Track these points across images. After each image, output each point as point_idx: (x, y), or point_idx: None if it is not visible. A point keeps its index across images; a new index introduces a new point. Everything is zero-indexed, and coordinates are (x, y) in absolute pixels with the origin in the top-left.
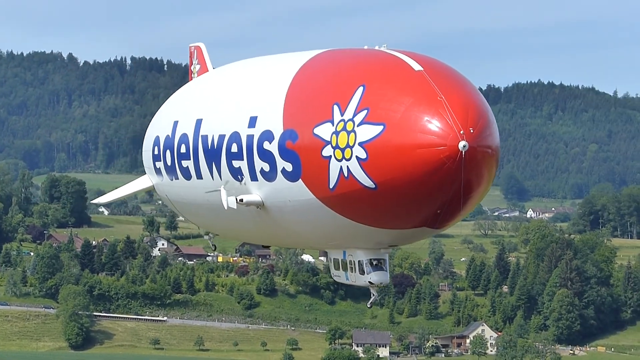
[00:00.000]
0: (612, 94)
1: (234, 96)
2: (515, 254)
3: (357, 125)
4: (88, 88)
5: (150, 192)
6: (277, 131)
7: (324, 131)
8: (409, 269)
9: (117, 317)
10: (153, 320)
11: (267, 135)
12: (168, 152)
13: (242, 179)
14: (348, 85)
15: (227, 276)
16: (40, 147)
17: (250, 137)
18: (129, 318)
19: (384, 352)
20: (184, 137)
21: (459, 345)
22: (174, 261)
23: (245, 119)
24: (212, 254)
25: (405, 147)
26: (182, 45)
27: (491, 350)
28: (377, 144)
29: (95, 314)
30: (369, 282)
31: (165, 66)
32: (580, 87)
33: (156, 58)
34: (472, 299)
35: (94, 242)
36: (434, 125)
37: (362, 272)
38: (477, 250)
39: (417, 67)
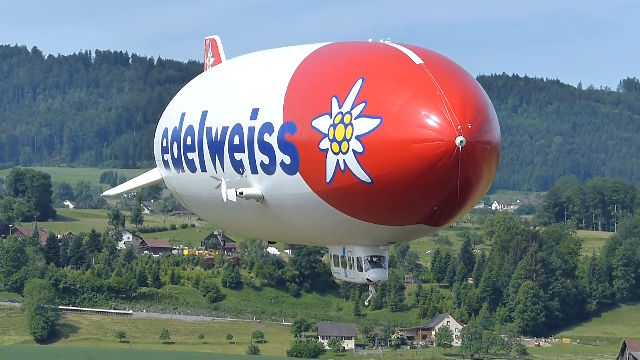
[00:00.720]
0: (576, 87)
1: (238, 88)
2: (481, 246)
3: (355, 118)
4: (53, 81)
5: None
6: (277, 123)
7: (322, 124)
8: None
9: (83, 310)
10: (118, 313)
11: (268, 128)
12: (175, 144)
13: (243, 171)
14: (347, 77)
15: (193, 269)
16: (4, 141)
17: (251, 129)
18: (94, 311)
19: (349, 344)
20: (190, 129)
21: (424, 337)
22: (140, 254)
23: (247, 110)
24: (177, 247)
25: (401, 142)
26: (147, 38)
27: (456, 342)
28: (374, 138)
29: (60, 307)
30: (367, 279)
31: (130, 59)
32: (544, 80)
33: (121, 51)
34: (438, 291)
35: (59, 236)
36: (431, 119)
37: (360, 269)
38: (442, 242)
39: (417, 60)
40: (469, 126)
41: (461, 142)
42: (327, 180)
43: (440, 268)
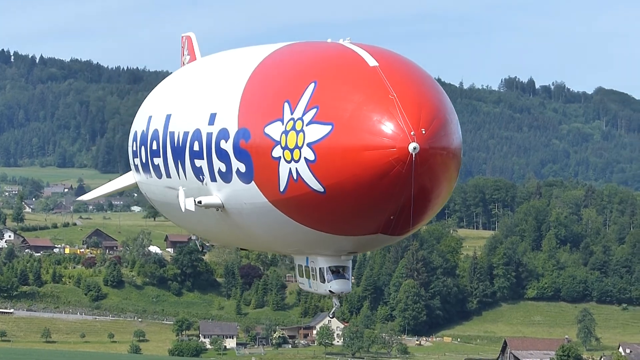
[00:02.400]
0: (458, 85)
1: (198, 92)
2: None
3: (306, 125)
4: None
5: None
6: (233, 129)
7: (274, 130)
8: (255, 260)
9: None
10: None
11: (224, 134)
12: (143, 149)
13: (203, 179)
14: (300, 81)
15: (74, 268)
16: None
17: (209, 135)
18: None
19: (231, 343)
20: (155, 133)
21: (305, 336)
22: (21, 253)
23: (206, 115)
24: (59, 245)
25: (352, 149)
26: (29, 36)
27: (338, 341)
28: (325, 145)
29: None
30: (330, 290)
31: (12, 57)
32: None
33: (2, 49)
34: None
35: None
36: (383, 125)
37: (322, 280)
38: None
39: (372, 62)
40: (423, 132)
41: (414, 148)
42: (281, 190)
43: None
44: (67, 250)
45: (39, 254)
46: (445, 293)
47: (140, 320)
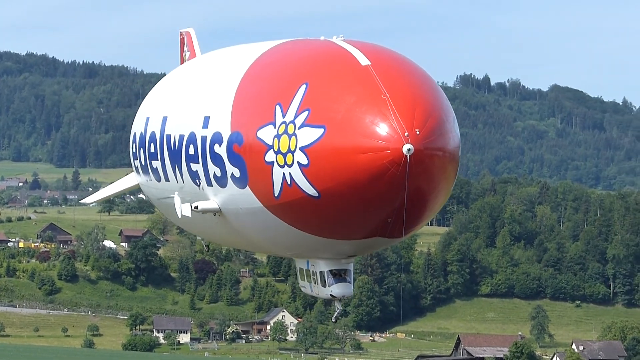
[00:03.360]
0: None
1: (192, 93)
2: None
3: (298, 128)
4: None
5: None
6: (226, 133)
7: (267, 134)
8: (210, 255)
9: None
10: None
11: (218, 138)
12: (142, 151)
13: (200, 183)
14: (291, 83)
15: (29, 262)
16: None
17: (204, 139)
18: None
19: (184, 338)
20: (153, 135)
21: (259, 331)
22: None
23: (200, 118)
24: (13, 239)
25: (345, 152)
26: None
27: (291, 337)
28: (318, 149)
29: None
30: (331, 295)
31: None
32: None
33: None
34: (273, 285)
35: None
36: (375, 127)
37: (324, 284)
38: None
39: (364, 61)
40: (417, 132)
41: (409, 150)
42: (276, 195)
43: (276, 262)
44: (21, 244)
45: None
46: (399, 289)
47: (94, 314)
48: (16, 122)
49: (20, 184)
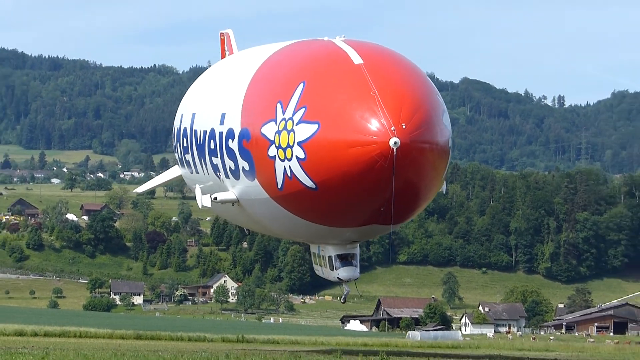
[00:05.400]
0: None
1: (214, 92)
2: None
3: (296, 124)
4: None
5: None
6: (237, 129)
7: (269, 130)
8: (160, 227)
9: None
10: None
11: (230, 133)
12: (178, 145)
13: (219, 175)
14: (290, 82)
15: (0, 232)
16: None
17: (220, 134)
18: None
19: (138, 300)
20: (185, 131)
21: (204, 294)
22: None
23: (218, 115)
24: None
25: (338, 146)
26: None
27: (232, 299)
28: (313, 144)
29: None
30: (338, 277)
31: None
32: None
33: None
34: (216, 253)
35: None
36: (365, 122)
37: (332, 267)
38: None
39: (357, 60)
40: (403, 126)
41: (395, 143)
42: (279, 187)
43: (219, 233)
44: None
45: None
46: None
47: (58, 279)
48: None
49: None
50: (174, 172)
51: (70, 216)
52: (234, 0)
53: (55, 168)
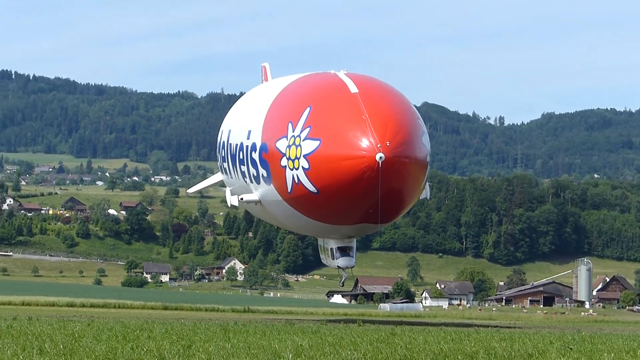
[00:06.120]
0: None
1: (244, 113)
2: None
3: (303, 140)
4: None
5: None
6: (258, 143)
7: (282, 145)
8: (183, 220)
9: None
10: (2, 254)
11: (254, 147)
12: (219, 155)
13: (246, 180)
14: (299, 106)
15: (56, 224)
16: None
17: (247, 147)
18: None
19: (165, 278)
20: (223, 144)
21: (217, 273)
22: (18, 213)
23: (246, 132)
24: (45, 208)
25: (335, 159)
26: None
27: (240, 277)
28: (315, 157)
29: None
30: (338, 265)
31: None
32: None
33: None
34: (227, 241)
35: None
36: (357, 140)
37: (333, 257)
38: (231, 207)
39: (354, 89)
40: (387, 144)
41: (380, 157)
42: (289, 191)
43: (230, 225)
44: (50, 212)
45: (31, 214)
46: (316, 244)
47: (101, 261)
48: (47, 125)
49: (50, 170)
50: (216, 177)
51: (111, 211)
52: (253, 38)
53: (99, 173)
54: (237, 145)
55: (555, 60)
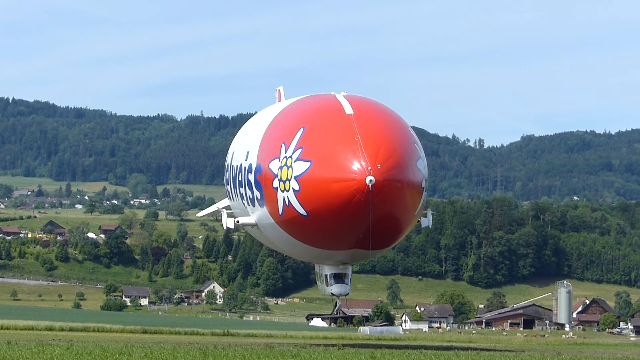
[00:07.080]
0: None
1: (245, 135)
2: (237, 233)
3: (294, 162)
4: None
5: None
6: (254, 165)
7: (274, 166)
8: (162, 243)
9: None
10: None
11: (250, 168)
12: (224, 177)
13: (245, 203)
14: (293, 127)
15: (35, 247)
16: None
17: (245, 169)
18: None
19: (144, 301)
20: (227, 166)
21: (197, 297)
22: None
23: (245, 153)
24: (24, 231)
25: (324, 181)
26: None
27: (220, 300)
28: (306, 178)
29: None
30: (331, 292)
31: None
32: None
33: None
34: (207, 264)
35: None
36: (347, 162)
37: (327, 284)
38: (211, 230)
39: (349, 111)
40: (379, 167)
41: (370, 180)
42: (280, 214)
43: (209, 248)
44: (29, 235)
45: (10, 237)
46: (295, 267)
47: (80, 285)
48: (27, 148)
49: (29, 193)
50: (224, 202)
51: (91, 234)
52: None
53: (78, 196)
54: (236, 167)
55: (535, 83)
